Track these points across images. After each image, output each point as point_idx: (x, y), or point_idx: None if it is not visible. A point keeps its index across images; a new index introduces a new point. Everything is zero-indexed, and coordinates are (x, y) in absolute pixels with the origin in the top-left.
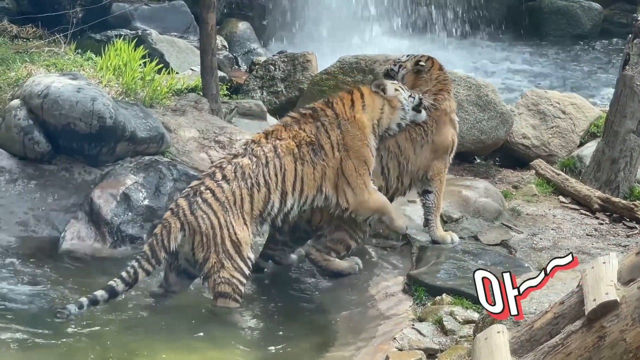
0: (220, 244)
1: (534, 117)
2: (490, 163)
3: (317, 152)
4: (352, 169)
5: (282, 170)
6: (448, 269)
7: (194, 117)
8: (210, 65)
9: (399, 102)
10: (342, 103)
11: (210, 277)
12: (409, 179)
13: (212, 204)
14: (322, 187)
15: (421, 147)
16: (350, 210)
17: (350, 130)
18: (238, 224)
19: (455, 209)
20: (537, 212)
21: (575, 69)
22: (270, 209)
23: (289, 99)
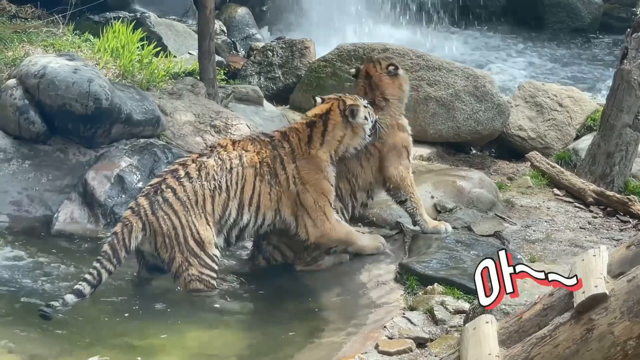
0: (184, 243)
1: (530, 109)
2: (485, 154)
3: (273, 177)
4: (311, 201)
5: (243, 180)
6: (440, 258)
7: (190, 101)
8: (208, 50)
9: (362, 130)
10: (299, 138)
11: (180, 276)
12: (364, 193)
13: (174, 203)
14: (280, 210)
15: (367, 160)
16: (311, 242)
17: (306, 166)
18: (201, 224)
19: (450, 199)
20: (531, 204)
21: (574, 62)
22: (227, 216)
23: (287, 85)
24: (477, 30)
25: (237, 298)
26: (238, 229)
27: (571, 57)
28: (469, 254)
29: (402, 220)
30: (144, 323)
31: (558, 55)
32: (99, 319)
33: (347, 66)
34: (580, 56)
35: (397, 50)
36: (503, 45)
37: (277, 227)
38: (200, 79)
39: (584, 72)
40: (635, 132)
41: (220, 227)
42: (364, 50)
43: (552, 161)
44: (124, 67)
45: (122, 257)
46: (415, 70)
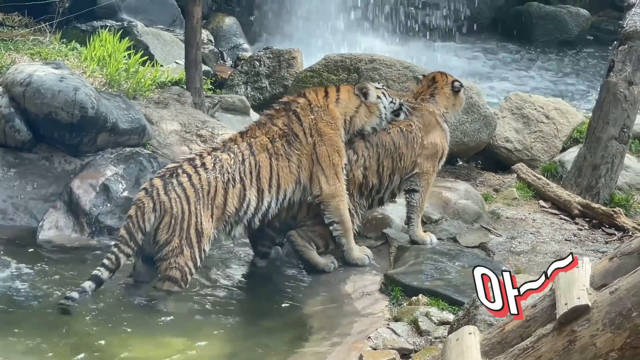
0: (186, 229)
1: (517, 121)
2: (472, 165)
3: (291, 142)
4: (325, 155)
5: (257, 167)
6: (425, 269)
7: (176, 110)
8: (194, 59)
9: (377, 109)
10: (316, 93)
11: (167, 260)
12: (399, 177)
13: (187, 188)
14: (300, 177)
15: (413, 143)
16: (322, 198)
17: (323, 117)
18: (206, 215)
19: (435, 210)
20: (516, 215)
21: (561, 74)
22: (246, 207)
23: (274, 95)
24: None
25: (220, 306)
26: (261, 213)
27: (558, 69)
28: (454, 265)
29: (387, 231)
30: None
31: (545, 68)
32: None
33: (334, 76)
34: (568, 68)
35: (384, 61)
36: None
37: (294, 201)
38: (187, 88)
39: (571, 84)
40: (621, 145)
41: (237, 220)
42: (350, 60)
43: (538, 173)
44: (110, 76)
45: (139, 239)
46: (402, 81)
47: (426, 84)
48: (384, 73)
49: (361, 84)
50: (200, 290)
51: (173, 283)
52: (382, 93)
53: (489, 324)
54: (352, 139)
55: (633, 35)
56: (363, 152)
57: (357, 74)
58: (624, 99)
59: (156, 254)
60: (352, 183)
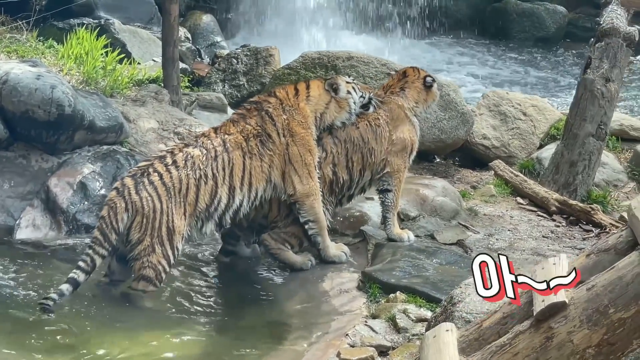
0: (157, 228)
1: (494, 118)
2: (449, 162)
3: (264, 142)
4: (297, 155)
5: (230, 164)
6: (403, 267)
7: (153, 108)
8: (172, 57)
9: (347, 104)
10: (286, 92)
11: (140, 259)
12: (370, 172)
13: (158, 187)
14: (271, 176)
15: (382, 137)
16: (297, 198)
17: (295, 117)
18: (178, 213)
19: (413, 207)
20: (494, 212)
21: (538, 71)
22: (217, 203)
23: (251, 92)
24: (443, 39)
25: (197, 305)
26: (232, 211)
27: (536, 66)
28: (431, 262)
29: (365, 228)
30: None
31: (523, 64)
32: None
33: (311, 74)
34: (545, 65)
35: (361, 58)
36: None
37: (265, 199)
38: (164, 86)
39: (548, 81)
40: (598, 142)
41: (207, 216)
42: (328, 58)
43: (515, 170)
44: (87, 74)
45: (113, 239)
46: (380, 78)
47: (397, 77)
48: (361, 70)
49: (332, 79)
50: (177, 289)
51: (147, 282)
52: (352, 88)
53: (467, 321)
54: (320, 135)
55: (610, 32)
56: (331, 148)
57: (334, 71)
58: (601, 95)
59: (129, 253)
60: (322, 181)
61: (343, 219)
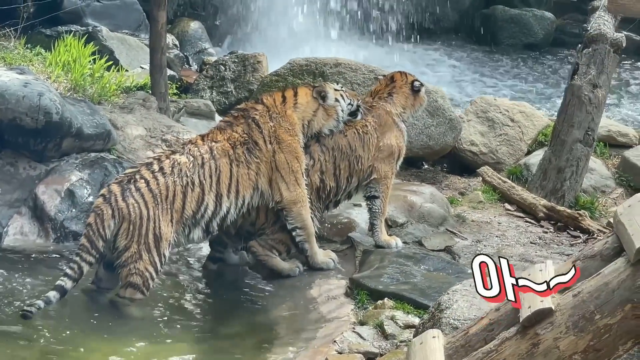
0: (144, 235)
1: (482, 124)
2: (437, 169)
3: (251, 150)
4: (284, 162)
5: (217, 172)
6: (391, 273)
7: (141, 115)
8: (159, 64)
9: (335, 112)
10: (273, 99)
11: (127, 266)
12: (357, 179)
13: (145, 194)
14: (258, 183)
15: (369, 144)
16: (284, 205)
17: (282, 124)
18: (164, 220)
19: (401, 213)
20: (482, 219)
21: (526, 77)
22: (204, 210)
23: (239, 99)
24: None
25: (184, 311)
26: (219, 218)
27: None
28: (419, 268)
29: (353, 235)
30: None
31: (510, 71)
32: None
33: (299, 80)
34: (533, 71)
35: (349, 64)
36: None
37: (252, 206)
38: (152, 93)
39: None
40: (586, 148)
41: (194, 222)
42: (316, 65)
43: (503, 176)
44: (75, 81)
45: (100, 246)
46: (368, 85)
47: (384, 83)
48: (349, 77)
49: (320, 87)
50: (164, 296)
51: (135, 289)
52: (340, 95)
53: (454, 327)
54: (307, 143)
55: (597, 39)
56: (319, 156)
57: (322, 78)
58: (589, 102)
59: (116, 260)
60: (310, 188)
61: (331, 225)
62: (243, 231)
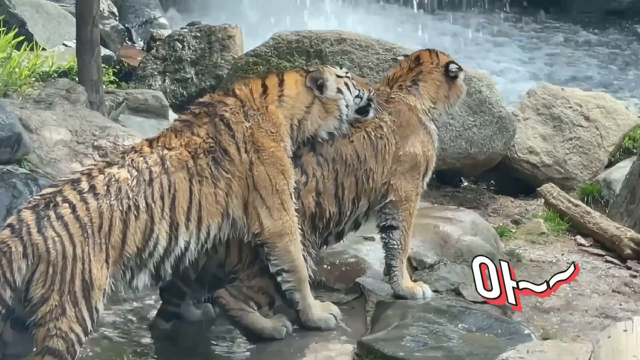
0: (69, 282)
1: (545, 124)
2: (481, 187)
3: (219, 161)
4: (265, 178)
5: (171, 191)
6: (416, 334)
7: (64, 113)
8: (90, 40)
9: (337, 107)
10: (250, 89)
11: (45, 325)
12: (367, 202)
13: (70, 224)
14: (228, 208)
15: (385, 153)
16: (265, 238)
17: (261, 125)
18: (97, 260)
19: (430, 250)
20: (545, 257)
21: (607, 58)
22: (153, 246)
23: (202, 89)
24: (471, 14)
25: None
26: (174, 257)
27: (602, 50)
28: (456, 327)
29: (362, 280)
30: None
31: (585, 49)
32: None
33: (287, 63)
34: (616, 50)
35: (357, 41)
36: (507, 36)
37: (221, 241)
38: (80, 81)
39: (620, 73)
40: None
41: (140, 264)
42: (310, 40)
43: (574, 197)
44: None
45: (7, 298)
46: (383, 68)
47: (407, 66)
48: (357, 58)
49: (315, 72)
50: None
51: (55, 357)
52: (344, 84)
53: None
54: (298, 151)
55: None
56: (314, 170)
57: (319, 59)
58: None
59: (30, 316)
60: (301, 214)
61: (331, 267)
62: (208, 276)
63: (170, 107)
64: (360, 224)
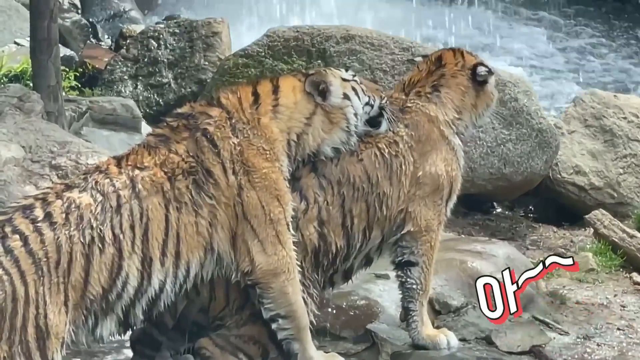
0: (19, 329)
1: (593, 139)
2: (518, 214)
3: (201, 183)
4: (257, 206)
5: (144, 220)
6: None
7: (16, 125)
8: (47, 37)
9: (343, 118)
10: (238, 98)
11: None
12: (380, 233)
13: (21, 259)
14: (212, 241)
15: (400, 173)
16: (257, 278)
17: (252, 141)
18: (54, 302)
19: (455, 290)
20: (594, 299)
21: None
22: (121, 287)
23: (182, 96)
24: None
25: None
26: (147, 300)
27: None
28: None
29: (375, 327)
30: None
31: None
32: None
33: (284, 65)
34: None
35: (368, 38)
36: (548, 29)
37: (204, 280)
38: (35, 87)
39: None
40: None
41: (106, 308)
42: (312, 37)
43: (629, 226)
44: None
45: None
46: (400, 72)
47: (427, 68)
48: (368, 59)
49: (316, 75)
50: None
51: None
52: (352, 89)
53: None
54: (297, 172)
55: None
56: (316, 195)
57: (322, 60)
58: None
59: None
60: (301, 248)
61: (338, 310)
62: (188, 322)
63: (143, 118)
64: (372, 260)
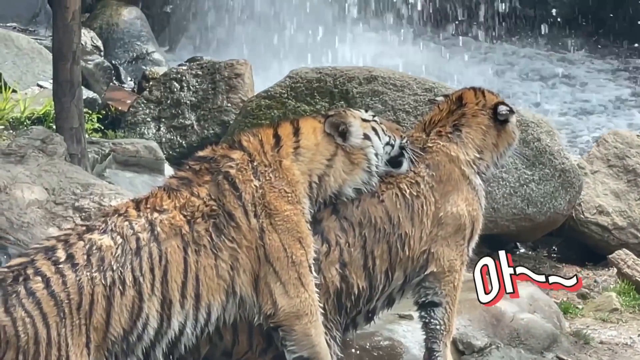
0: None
1: (617, 178)
2: (541, 254)
3: (222, 227)
4: (279, 248)
5: (163, 262)
6: None
7: (39, 167)
8: (70, 79)
9: (364, 158)
10: (260, 140)
11: None
12: (403, 274)
13: (43, 301)
14: (235, 285)
15: (422, 214)
16: (280, 321)
17: (274, 184)
18: (76, 344)
19: (479, 330)
20: (617, 338)
21: None
22: (142, 328)
23: (205, 138)
24: (526, 43)
25: None
26: (167, 342)
27: None
28: None
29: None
30: None
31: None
32: None
33: (307, 107)
34: None
35: (391, 79)
36: (569, 67)
37: (226, 323)
38: (57, 129)
39: None
40: None
41: (126, 349)
42: (335, 79)
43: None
44: None
45: None
46: (422, 112)
47: (447, 107)
48: (390, 99)
49: (336, 116)
50: None
51: None
52: (372, 129)
53: None
54: (318, 214)
55: None
56: (338, 237)
57: (345, 101)
58: None
59: None
60: (323, 290)
61: (361, 351)
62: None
63: (166, 160)
64: (394, 300)
